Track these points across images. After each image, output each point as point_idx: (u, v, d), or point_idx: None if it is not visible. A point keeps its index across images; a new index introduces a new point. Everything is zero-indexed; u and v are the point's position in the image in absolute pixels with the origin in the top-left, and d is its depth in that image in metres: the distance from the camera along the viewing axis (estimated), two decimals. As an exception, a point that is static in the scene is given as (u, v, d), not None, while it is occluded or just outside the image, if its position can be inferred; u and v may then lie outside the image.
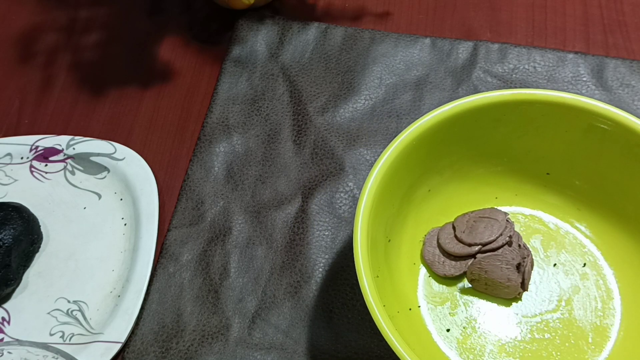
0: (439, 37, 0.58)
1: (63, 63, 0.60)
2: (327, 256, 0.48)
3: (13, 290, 0.48)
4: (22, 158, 0.53)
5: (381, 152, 0.51)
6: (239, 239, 0.49)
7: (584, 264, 0.46)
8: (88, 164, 0.53)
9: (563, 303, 0.45)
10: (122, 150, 0.53)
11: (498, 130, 0.45)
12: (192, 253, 0.49)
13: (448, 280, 0.46)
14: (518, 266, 0.44)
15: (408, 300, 0.45)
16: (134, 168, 0.52)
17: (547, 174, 0.48)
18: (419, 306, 0.45)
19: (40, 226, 0.50)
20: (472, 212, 0.47)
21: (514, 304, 0.45)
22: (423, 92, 0.55)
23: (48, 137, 0.54)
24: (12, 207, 0.49)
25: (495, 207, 0.48)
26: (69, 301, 0.48)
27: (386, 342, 0.36)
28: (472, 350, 0.44)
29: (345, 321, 0.46)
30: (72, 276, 0.49)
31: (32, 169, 0.53)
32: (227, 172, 0.52)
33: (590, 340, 0.44)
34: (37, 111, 0.57)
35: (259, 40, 0.58)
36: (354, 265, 0.44)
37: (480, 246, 0.45)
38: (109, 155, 0.52)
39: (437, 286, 0.46)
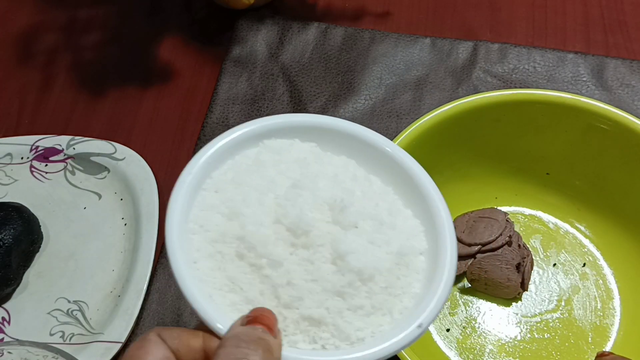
0: (439, 37, 0.57)
1: (63, 63, 0.60)
2: (327, 256, 0.48)
3: (13, 290, 0.48)
4: (22, 158, 0.53)
5: (381, 152, 0.51)
6: (239, 239, 0.49)
7: (584, 264, 0.46)
8: (88, 164, 0.53)
9: (563, 303, 0.45)
10: (122, 150, 0.52)
11: (498, 130, 0.45)
12: (192, 253, 0.49)
13: (448, 280, 0.46)
14: (518, 266, 0.44)
15: (408, 300, 0.45)
16: (134, 168, 0.52)
17: (547, 174, 0.48)
18: (419, 306, 0.45)
19: (40, 226, 0.50)
20: (472, 212, 0.47)
21: (513, 304, 0.45)
22: (423, 92, 0.55)
23: (48, 137, 0.54)
24: (12, 207, 0.49)
25: (495, 207, 0.48)
26: (69, 301, 0.48)
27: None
28: (472, 350, 0.44)
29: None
30: (72, 276, 0.49)
31: (32, 169, 0.53)
32: (227, 172, 0.52)
33: (590, 340, 0.44)
34: (37, 111, 0.57)
35: (259, 40, 0.58)
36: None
37: (480, 246, 0.45)
38: (109, 155, 0.52)
39: (437, 286, 0.46)
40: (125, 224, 0.50)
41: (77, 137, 0.54)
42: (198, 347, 0.26)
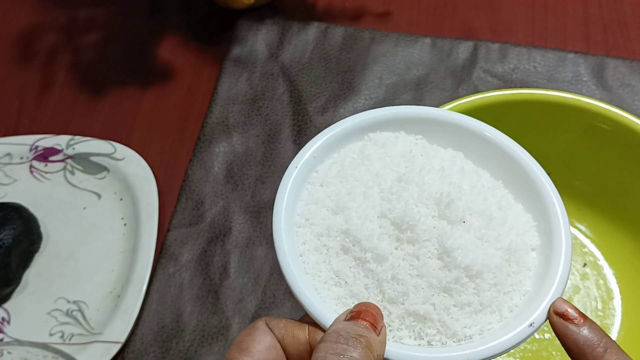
0: (439, 37, 0.57)
1: (63, 63, 0.60)
2: (327, 256, 0.48)
3: (13, 291, 0.48)
4: (22, 158, 0.53)
5: (381, 152, 0.51)
6: (239, 239, 0.49)
7: (584, 264, 0.46)
8: (88, 164, 0.53)
9: (563, 303, 0.45)
10: (122, 150, 0.52)
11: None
12: (192, 253, 0.49)
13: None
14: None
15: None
16: (134, 168, 0.52)
17: (548, 174, 0.47)
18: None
19: (40, 226, 0.50)
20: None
21: (514, 304, 0.45)
22: (423, 92, 0.55)
23: (48, 137, 0.54)
24: (12, 207, 0.49)
25: (496, 207, 0.47)
26: (68, 301, 0.48)
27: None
28: (472, 350, 0.44)
29: (345, 321, 0.46)
30: (72, 276, 0.49)
31: (32, 169, 0.53)
32: (227, 172, 0.52)
33: (590, 340, 0.44)
34: (37, 111, 0.57)
35: (259, 40, 0.58)
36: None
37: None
38: (108, 155, 0.52)
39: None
40: (125, 224, 0.50)
41: (76, 137, 0.54)
42: (303, 339, 0.27)
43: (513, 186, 0.31)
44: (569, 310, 0.27)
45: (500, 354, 0.26)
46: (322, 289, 0.28)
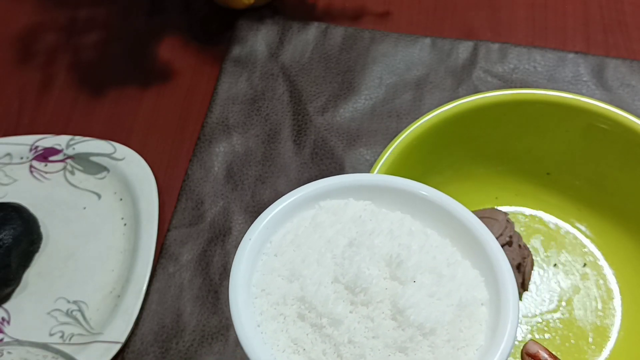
0: (439, 37, 0.57)
1: (63, 63, 0.60)
2: (327, 256, 0.48)
3: (13, 291, 0.48)
4: (21, 158, 0.53)
5: (381, 152, 0.50)
6: (239, 239, 0.49)
7: (584, 264, 0.46)
8: (88, 164, 0.53)
9: (563, 303, 0.45)
10: (122, 150, 0.52)
11: (498, 130, 0.45)
12: (192, 253, 0.49)
13: (448, 280, 0.46)
14: (518, 266, 0.44)
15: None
16: (134, 168, 0.52)
17: (547, 174, 0.47)
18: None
19: (40, 226, 0.50)
20: (472, 212, 0.47)
21: (514, 304, 0.45)
22: (423, 92, 0.55)
23: (48, 137, 0.54)
24: (12, 207, 0.49)
25: (496, 207, 0.48)
26: (68, 301, 0.48)
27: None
28: (472, 350, 0.44)
29: (345, 321, 0.46)
30: (72, 276, 0.49)
31: (32, 169, 0.53)
32: (227, 172, 0.52)
33: (590, 340, 0.44)
34: (37, 111, 0.57)
35: (259, 40, 0.58)
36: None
37: (480, 246, 0.45)
38: (108, 155, 0.52)
39: (437, 286, 0.46)
40: (125, 224, 0.50)
41: (76, 137, 0.53)
42: None
43: (460, 244, 0.32)
44: (540, 352, 0.28)
45: None
46: (281, 357, 0.28)
